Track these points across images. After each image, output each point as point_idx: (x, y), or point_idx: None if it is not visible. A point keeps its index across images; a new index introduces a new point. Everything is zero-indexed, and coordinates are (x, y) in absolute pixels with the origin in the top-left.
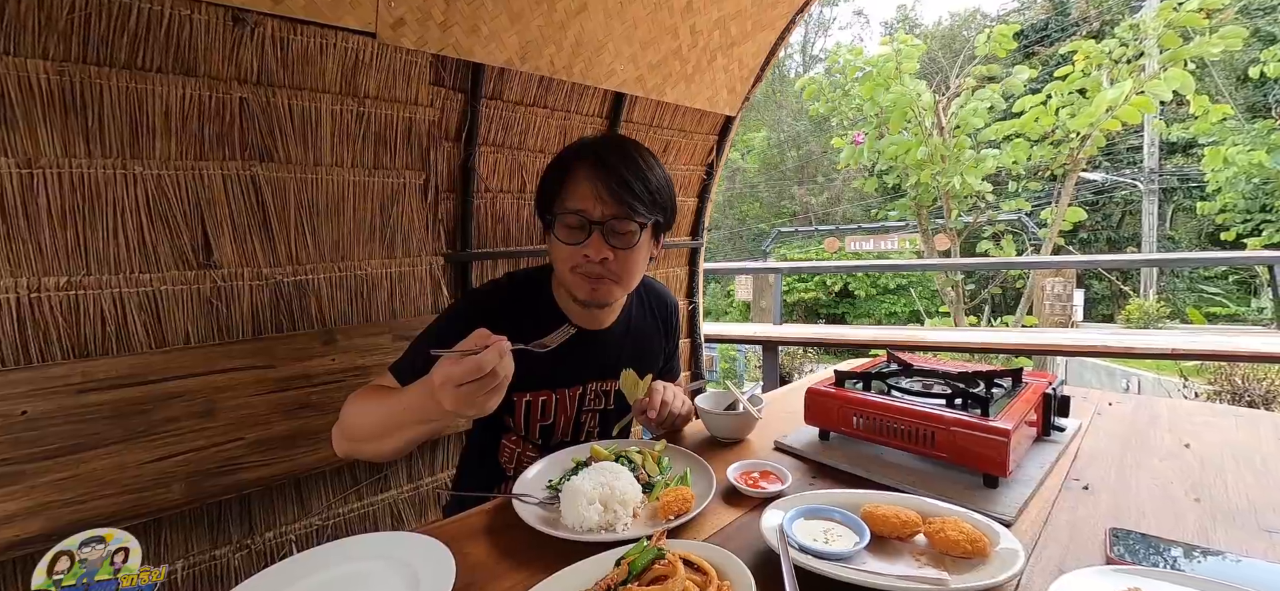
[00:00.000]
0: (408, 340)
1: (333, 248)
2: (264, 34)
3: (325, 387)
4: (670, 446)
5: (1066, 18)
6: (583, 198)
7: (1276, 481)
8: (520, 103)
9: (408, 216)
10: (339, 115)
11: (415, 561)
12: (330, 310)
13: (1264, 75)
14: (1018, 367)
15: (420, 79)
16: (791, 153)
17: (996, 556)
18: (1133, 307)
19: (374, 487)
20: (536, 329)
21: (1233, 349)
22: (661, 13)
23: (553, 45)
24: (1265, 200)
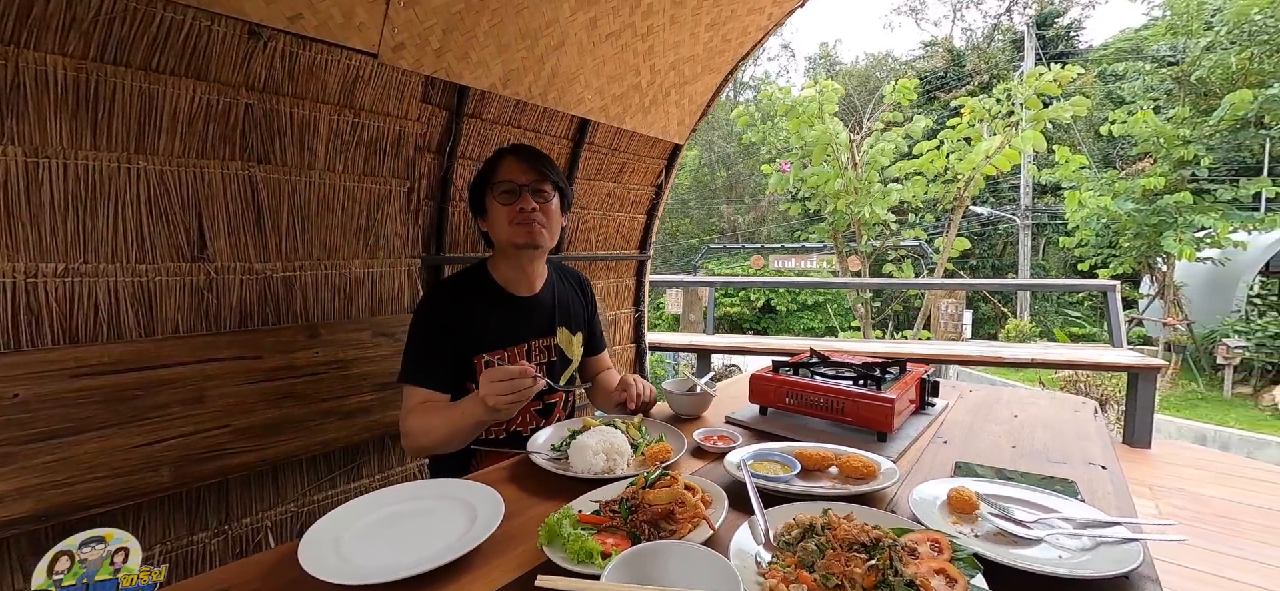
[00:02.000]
0: (385, 336)
1: (320, 247)
2: (275, 48)
3: (309, 379)
4: (645, 419)
5: (962, 68)
6: (510, 171)
7: (1063, 437)
8: (497, 122)
9: (391, 221)
10: (336, 125)
11: (470, 499)
12: (315, 306)
13: (1112, 133)
14: (903, 358)
15: (412, 96)
16: (721, 172)
17: (882, 476)
18: (1011, 327)
19: (347, 476)
20: (482, 302)
21: (1073, 359)
22: (627, 53)
23: (532, 74)
24: (1111, 238)
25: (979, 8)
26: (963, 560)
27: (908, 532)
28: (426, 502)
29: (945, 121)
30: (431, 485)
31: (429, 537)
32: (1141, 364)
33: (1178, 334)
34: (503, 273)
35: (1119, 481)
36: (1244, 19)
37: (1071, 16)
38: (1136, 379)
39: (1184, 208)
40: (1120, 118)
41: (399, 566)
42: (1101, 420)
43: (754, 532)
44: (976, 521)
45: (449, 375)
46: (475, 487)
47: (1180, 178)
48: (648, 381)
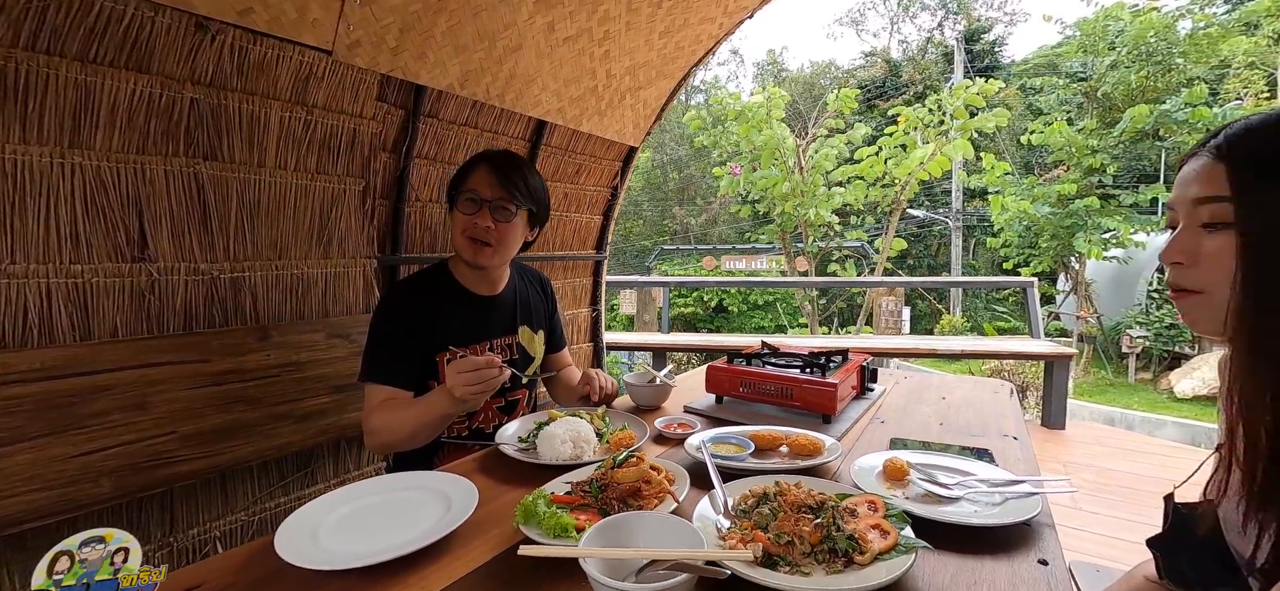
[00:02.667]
0: (341, 337)
1: (271, 246)
2: (224, 41)
3: (260, 382)
4: (608, 410)
5: (899, 78)
6: (479, 183)
7: (983, 415)
8: (454, 122)
9: (346, 220)
10: (287, 122)
11: (444, 488)
12: (266, 307)
13: (1031, 142)
14: (845, 348)
15: (368, 95)
16: (674, 174)
17: (827, 451)
18: (945, 322)
19: (301, 481)
20: (445, 301)
21: (998, 350)
22: (584, 57)
23: (490, 75)
24: (1032, 239)
25: (914, 22)
26: (894, 516)
27: (849, 497)
28: (401, 493)
29: (883, 129)
30: (404, 477)
31: (406, 524)
32: (1056, 353)
33: (1089, 326)
34: (464, 272)
35: (1027, 449)
36: (1141, 41)
37: (996, 33)
38: (1052, 367)
39: (1092, 211)
40: (1038, 128)
41: (378, 551)
42: (1015, 400)
43: (714, 504)
44: (907, 485)
45: (412, 373)
46: (447, 477)
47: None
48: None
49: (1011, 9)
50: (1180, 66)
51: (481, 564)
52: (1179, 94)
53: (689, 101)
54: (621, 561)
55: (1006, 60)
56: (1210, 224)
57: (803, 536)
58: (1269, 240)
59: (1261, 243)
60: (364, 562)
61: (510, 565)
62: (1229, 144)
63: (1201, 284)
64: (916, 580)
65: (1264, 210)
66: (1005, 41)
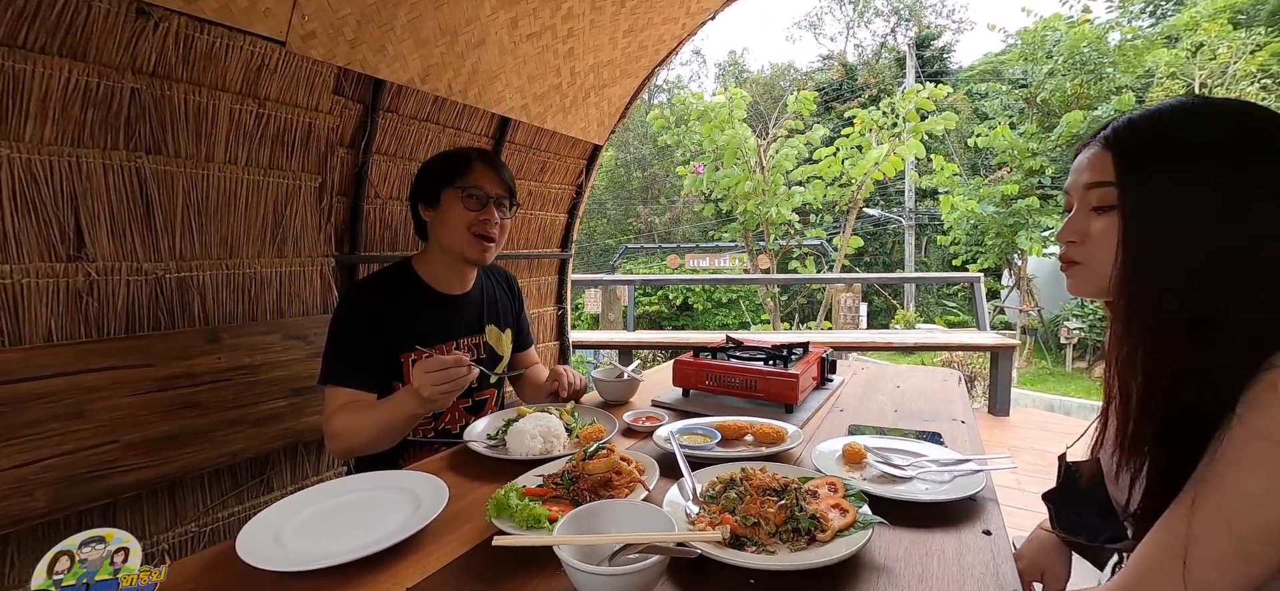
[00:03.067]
0: (297, 339)
1: (221, 245)
2: (168, 29)
3: (211, 387)
4: (576, 406)
5: (855, 82)
6: (483, 180)
7: (934, 401)
8: (415, 118)
9: (301, 217)
10: (237, 115)
11: (412, 487)
12: (215, 308)
13: (977, 145)
14: (806, 342)
15: (324, 88)
16: (637, 173)
17: (790, 439)
18: (899, 317)
19: (256, 489)
20: (410, 300)
21: (948, 342)
22: (547, 55)
23: (452, 71)
24: (979, 237)
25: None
26: (853, 496)
27: (810, 480)
28: (368, 493)
29: (841, 130)
30: (371, 477)
31: (375, 523)
32: (1000, 344)
33: (1031, 319)
34: (432, 270)
35: (973, 431)
36: (1076, 51)
37: (945, 40)
38: (997, 357)
39: (1033, 210)
40: (983, 131)
41: (348, 550)
42: (963, 387)
43: (683, 492)
44: (865, 468)
45: (375, 374)
46: (416, 476)
47: (1030, 184)
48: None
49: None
50: (1110, 75)
51: (455, 558)
52: (1109, 101)
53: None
54: (595, 548)
55: (954, 66)
56: (1099, 207)
57: (768, 517)
58: (1142, 218)
59: (1135, 221)
60: (333, 562)
61: (484, 557)
62: (1115, 134)
63: (1087, 258)
64: (873, 553)
65: (1139, 192)
66: (953, 48)
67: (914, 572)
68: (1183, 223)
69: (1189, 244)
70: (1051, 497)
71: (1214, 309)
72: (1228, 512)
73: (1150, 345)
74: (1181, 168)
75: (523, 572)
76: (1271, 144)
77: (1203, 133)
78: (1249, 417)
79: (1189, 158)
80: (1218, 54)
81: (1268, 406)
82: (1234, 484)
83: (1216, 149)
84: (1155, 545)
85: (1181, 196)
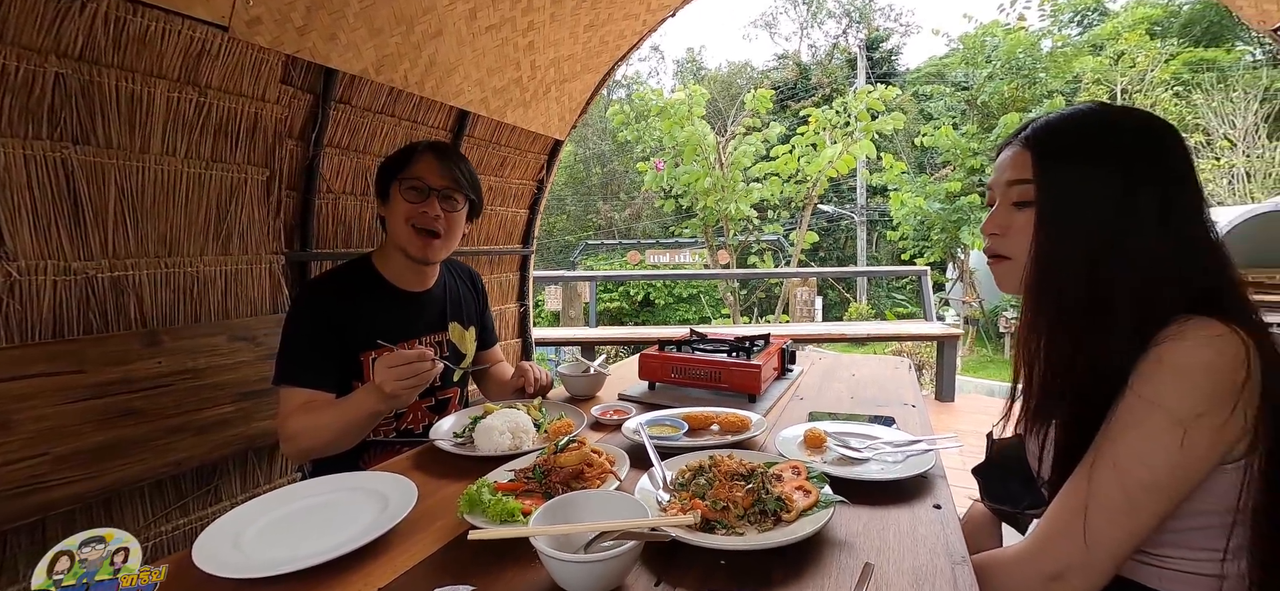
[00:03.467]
0: (245, 340)
1: (159, 242)
2: (96, 10)
3: (150, 393)
4: (543, 401)
5: (809, 81)
6: (425, 171)
7: (886, 388)
8: (369, 109)
9: (247, 212)
10: (176, 103)
11: (379, 488)
12: (154, 309)
13: (923, 144)
14: (767, 334)
15: (271, 76)
16: (597, 169)
17: (754, 427)
18: (852, 310)
19: (203, 499)
20: (370, 297)
21: (898, 332)
22: (507, 47)
23: (408, 61)
24: (925, 232)
25: (821, 28)
26: (815, 478)
27: (775, 464)
28: (331, 496)
29: (796, 128)
30: (334, 479)
31: (341, 525)
32: (945, 334)
33: (973, 310)
34: (393, 267)
35: (923, 415)
36: (1012, 56)
37: (893, 42)
38: (943, 346)
39: (975, 207)
40: (928, 131)
41: (314, 553)
42: (913, 374)
43: (653, 481)
44: (825, 451)
45: (333, 374)
46: (381, 476)
47: (972, 182)
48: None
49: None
50: (1043, 80)
51: (427, 556)
52: (1042, 104)
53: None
54: (570, 538)
55: (902, 68)
56: (1019, 203)
57: (736, 501)
58: (1052, 212)
59: (1047, 213)
60: (300, 565)
61: (458, 553)
62: (1034, 134)
63: (1010, 251)
64: (835, 530)
65: (1052, 188)
66: (900, 51)
67: (872, 545)
68: (1085, 216)
69: (1090, 235)
70: (980, 471)
71: (1109, 294)
72: (1120, 471)
73: (1053, 328)
74: (1086, 167)
75: (498, 566)
76: (1160, 146)
77: (1105, 136)
78: (1138, 386)
79: (1092, 157)
80: (1137, 62)
81: (1152, 377)
82: (1125, 445)
83: (1115, 151)
84: (1061, 505)
85: (1084, 192)
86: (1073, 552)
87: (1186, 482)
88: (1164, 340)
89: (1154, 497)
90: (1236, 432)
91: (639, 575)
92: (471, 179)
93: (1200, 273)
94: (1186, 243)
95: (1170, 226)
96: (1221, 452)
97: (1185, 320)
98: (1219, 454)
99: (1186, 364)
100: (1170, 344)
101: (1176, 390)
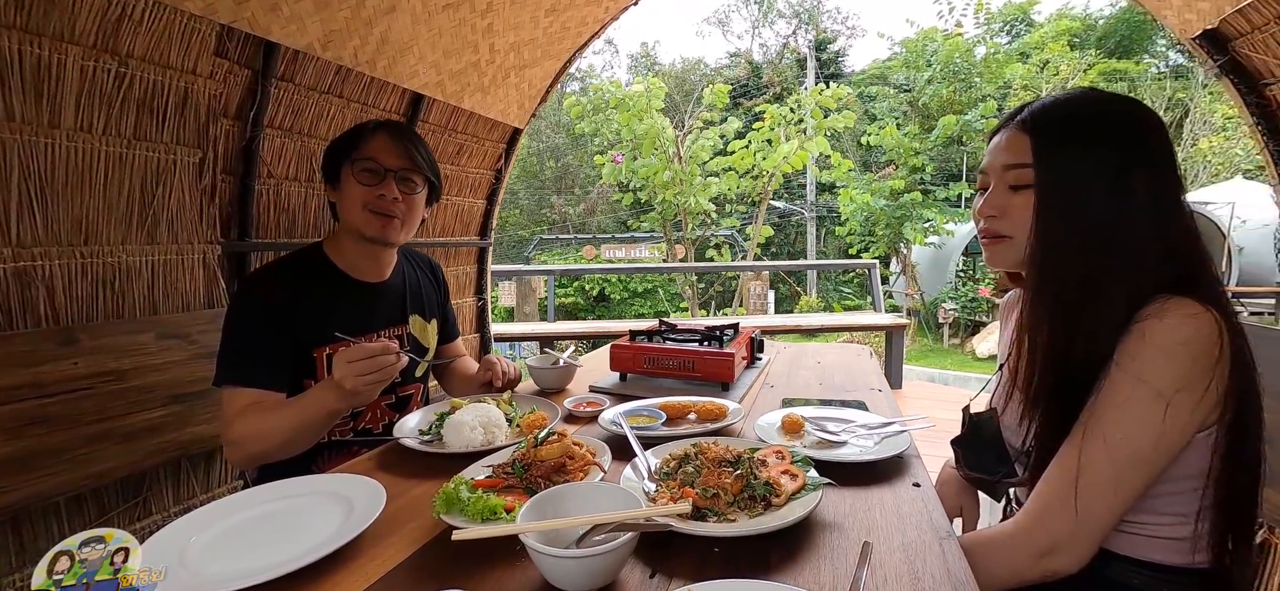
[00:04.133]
0: (177, 338)
1: (73, 228)
2: None
3: (66, 398)
4: (513, 395)
5: (760, 80)
6: (379, 151)
7: (852, 374)
8: (315, 89)
9: (177, 197)
10: (91, 73)
11: (342, 491)
12: (68, 305)
13: (869, 143)
14: (735, 322)
15: (203, 48)
16: (551, 163)
17: (730, 414)
18: (803, 302)
19: (131, 513)
20: (323, 288)
21: (849, 323)
22: (465, 28)
23: (358, 38)
24: (871, 227)
25: (773, 28)
26: (800, 461)
27: (758, 450)
28: (288, 502)
29: (751, 125)
30: (289, 484)
31: (302, 534)
32: (893, 324)
33: (915, 301)
34: (347, 256)
35: (889, 398)
36: (950, 61)
37: (840, 44)
38: (891, 335)
39: (916, 204)
40: (874, 131)
41: (272, 565)
42: (876, 360)
43: (638, 471)
44: (803, 436)
45: (284, 372)
46: (343, 479)
47: (914, 180)
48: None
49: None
50: (977, 85)
51: (401, 561)
52: (976, 107)
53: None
54: (559, 534)
55: (848, 69)
56: (1016, 186)
57: (726, 488)
58: (1053, 195)
59: (1047, 197)
60: (259, 579)
61: (436, 556)
62: (1032, 117)
63: (1009, 231)
64: (825, 512)
65: (1052, 171)
66: (847, 53)
67: (862, 525)
68: (1082, 201)
69: (1087, 219)
70: (958, 442)
71: (1104, 276)
72: (1108, 445)
73: (1053, 308)
74: (1082, 151)
75: (482, 568)
76: (1149, 133)
77: (1100, 121)
78: (1124, 362)
79: (1088, 143)
80: (1060, 70)
81: (1137, 353)
82: (1112, 420)
83: (1109, 136)
84: (1049, 483)
85: (1082, 177)
86: (1062, 528)
87: (1168, 454)
88: (1146, 317)
89: (1139, 470)
90: (1210, 404)
91: (632, 568)
92: (429, 160)
93: (1180, 254)
94: (1170, 225)
95: (1157, 209)
96: (1198, 423)
97: (1165, 299)
98: (1196, 425)
99: (1168, 342)
100: (1152, 321)
101: (1159, 365)
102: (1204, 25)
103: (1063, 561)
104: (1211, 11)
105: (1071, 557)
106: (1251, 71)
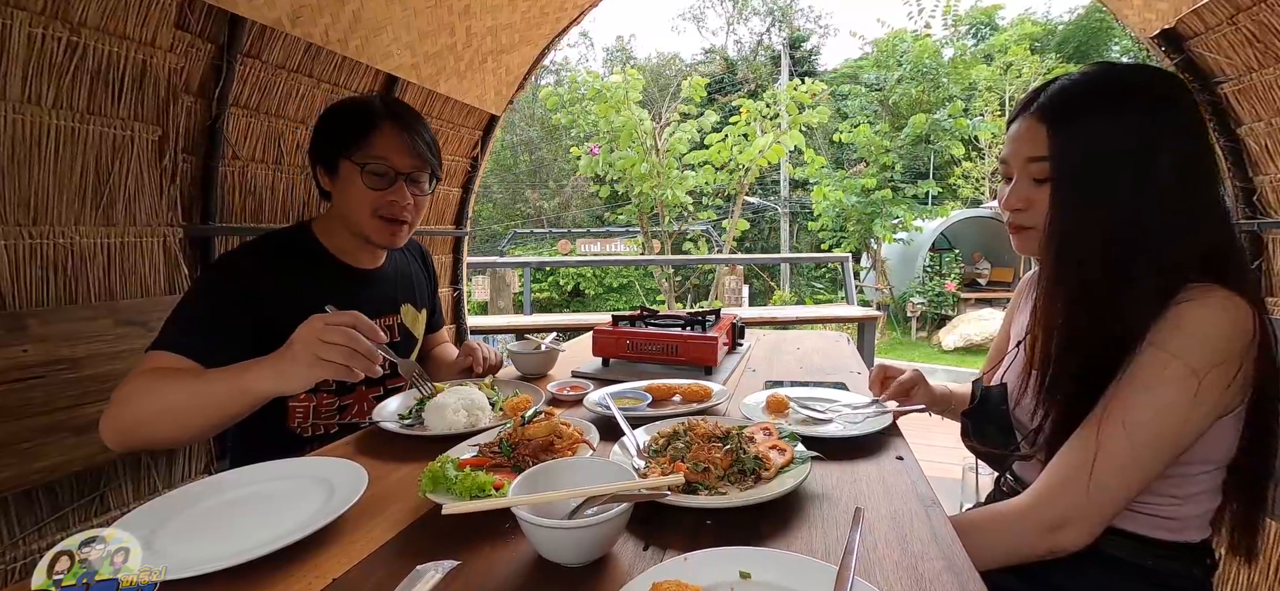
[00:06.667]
0: (135, 324)
1: (20, 207)
2: None
3: (13, 387)
4: (495, 380)
5: (735, 76)
6: (390, 150)
7: (831, 358)
8: (283, 67)
9: (135, 177)
10: (40, 41)
11: (322, 474)
12: (16, 289)
13: (841, 141)
14: (717, 307)
15: (163, 19)
16: (525, 156)
17: (716, 396)
18: (776, 296)
19: (87, 510)
20: (308, 272)
21: (823, 316)
22: (441, 9)
23: (329, 16)
24: (842, 223)
25: (747, 25)
26: (787, 436)
27: (746, 427)
28: (263, 485)
29: (727, 119)
30: (265, 467)
31: (279, 517)
32: (866, 316)
33: (885, 295)
34: (339, 241)
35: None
36: (919, 62)
37: (813, 43)
38: (863, 328)
39: (886, 201)
40: (846, 129)
41: (250, 547)
42: (852, 345)
43: (626, 449)
44: (788, 415)
45: (227, 352)
46: (323, 462)
47: (884, 178)
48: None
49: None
50: (945, 85)
51: (386, 541)
52: (944, 107)
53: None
54: (552, 508)
55: (821, 68)
56: (1039, 179)
57: (716, 462)
58: (1070, 189)
59: (1064, 192)
60: (235, 561)
61: (423, 536)
62: (1049, 102)
63: (1036, 223)
64: (812, 485)
65: (1069, 165)
66: (820, 51)
67: (849, 496)
68: (1104, 192)
69: (1108, 210)
70: (967, 414)
71: (1129, 266)
72: (1131, 426)
73: (1073, 295)
74: (1101, 139)
75: (470, 545)
76: (1174, 103)
77: (1119, 101)
78: (1159, 340)
79: (1108, 128)
80: (1022, 73)
81: (1174, 332)
82: (1141, 402)
83: (1131, 115)
84: (1064, 461)
85: (1102, 166)
86: (1074, 504)
87: (1190, 436)
88: (1183, 302)
89: (1159, 452)
90: (1238, 387)
91: (626, 540)
92: (434, 147)
93: (1213, 237)
94: (1200, 206)
95: (1186, 188)
96: (1225, 405)
97: (1202, 287)
98: (1223, 406)
99: (1207, 328)
100: (1190, 306)
101: (1195, 346)
102: (1162, 24)
103: (1070, 537)
104: (1170, 11)
105: (1079, 534)
106: (1205, 70)
